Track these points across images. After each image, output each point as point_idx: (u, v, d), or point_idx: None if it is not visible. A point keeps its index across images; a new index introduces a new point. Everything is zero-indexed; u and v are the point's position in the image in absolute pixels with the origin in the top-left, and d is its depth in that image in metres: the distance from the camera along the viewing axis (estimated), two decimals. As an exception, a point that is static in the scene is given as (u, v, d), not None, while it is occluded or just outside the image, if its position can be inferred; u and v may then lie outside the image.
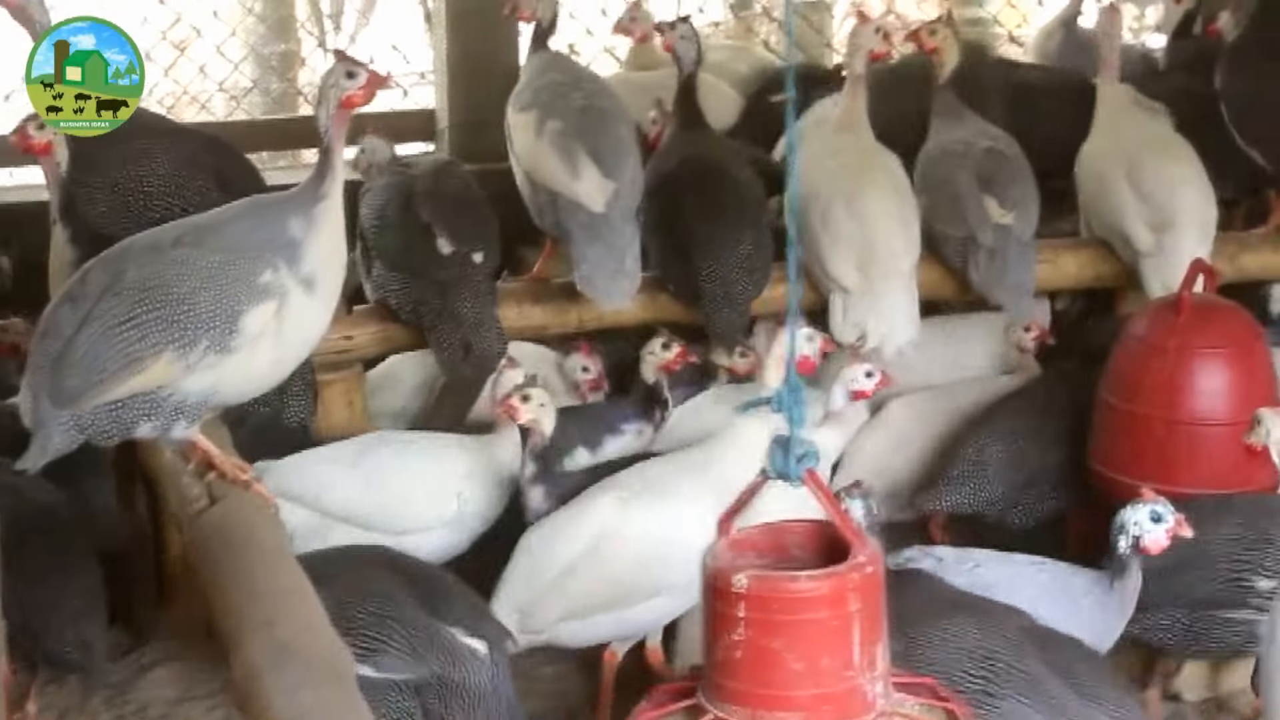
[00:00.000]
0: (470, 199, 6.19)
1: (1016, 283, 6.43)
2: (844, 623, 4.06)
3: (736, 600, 4.07)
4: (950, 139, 6.69)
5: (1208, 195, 6.58)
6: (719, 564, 4.16)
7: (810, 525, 4.37)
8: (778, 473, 4.19)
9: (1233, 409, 5.66)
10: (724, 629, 4.09)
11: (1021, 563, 5.20)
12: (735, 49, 9.19)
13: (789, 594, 4.07)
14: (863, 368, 5.80)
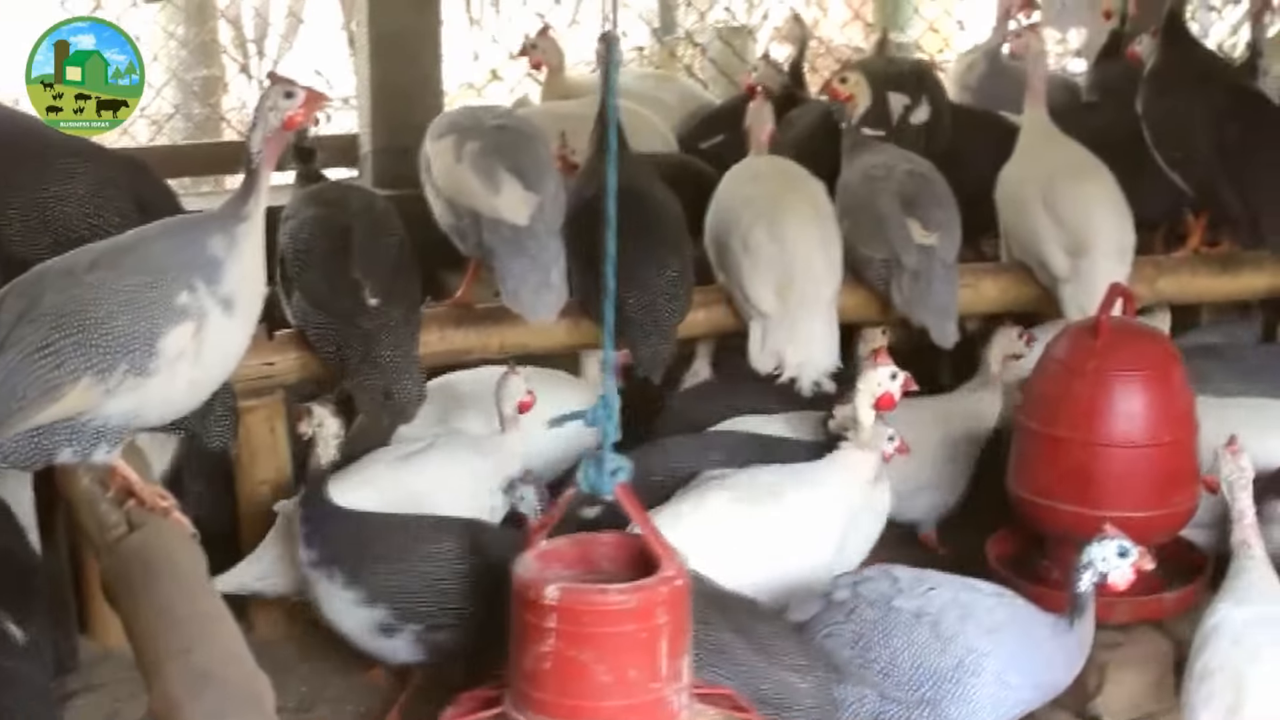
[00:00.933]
0: (403, 259, 6.10)
1: (940, 305, 6.43)
2: (652, 635, 4.12)
3: (547, 612, 4.13)
4: (870, 163, 6.72)
5: (1125, 220, 6.63)
6: (529, 575, 4.20)
7: (619, 538, 4.40)
8: (590, 487, 4.22)
9: (1151, 431, 5.71)
10: (533, 640, 4.15)
11: (985, 591, 5.17)
12: (660, 77, 9.21)
13: (599, 606, 4.12)
14: (887, 370, 5.76)
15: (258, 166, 4.61)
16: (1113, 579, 5.02)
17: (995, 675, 4.97)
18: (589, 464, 4.28)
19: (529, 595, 4.15)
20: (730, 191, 6.62)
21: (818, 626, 5.05)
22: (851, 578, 5.18)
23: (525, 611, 4.16)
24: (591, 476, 4.27)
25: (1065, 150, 6.83)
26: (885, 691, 4.97)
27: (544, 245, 6.05)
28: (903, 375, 5.73)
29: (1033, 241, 6.65)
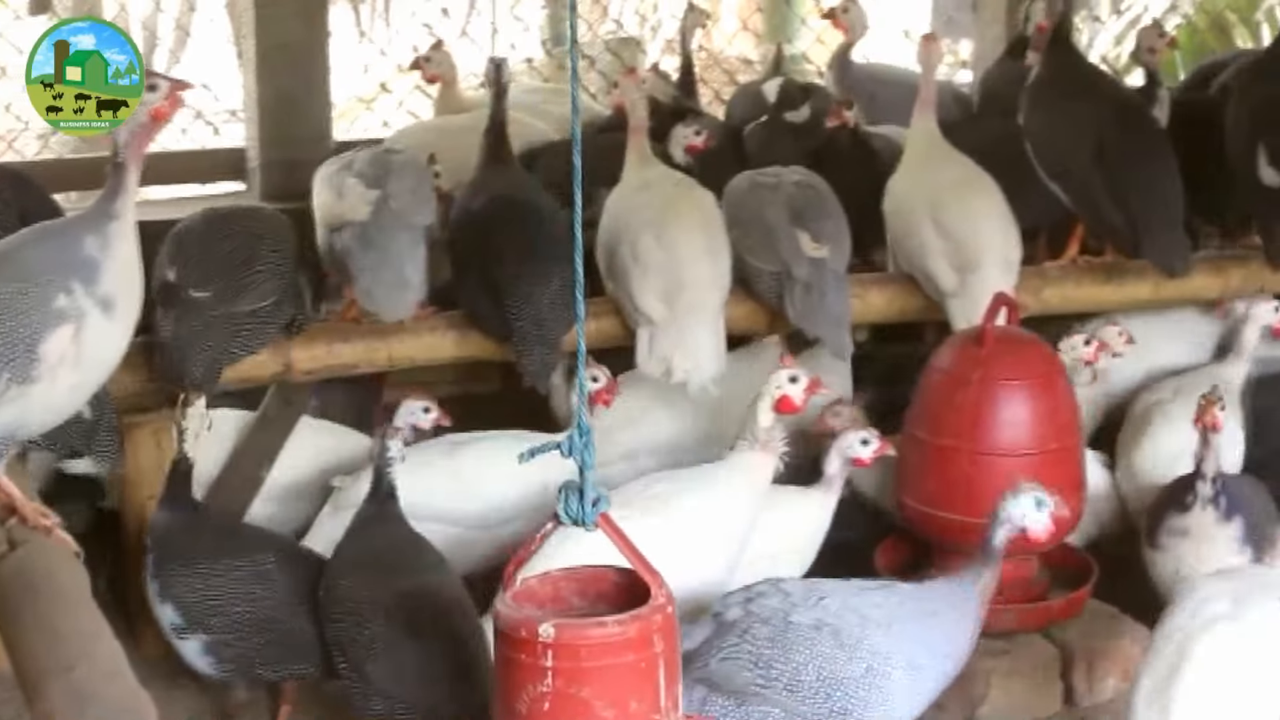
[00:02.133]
0: (249, 259, 6.09)
1: (834, 316, 6.46)
2: (650, 664, 4.06)
3: (542, 651, 4.05)
4: (758, 173, 6.78)
5: (1010, 233, 6.67)
6: (517, 614, 4.13)
7: (588, 572, 4.36)
8: (571, 519, 4.18)
9: (1036, 439, 5.77)
10: (528, 681, 4.06)
11: (873, 588, 5.20)
12: (551, 90, 9.22)
13: (598, 640, 4.05)
14: (859, 435, 5.82)
15: (124, 161, 4.57)
16: (1032, 531, 5.10)
17: (906, 668, 4.99)
18: (569, 495, 4.22)
19: (521, 634, 4.05)
20: (619, 201, 6.62)
21: (711, 651, 4.99)
22: (741, 595, 5.13)
23: (517, 651, 4.06)
24: (573, 507, 4.22)
25: (952, 164, 6.84)
26: (791, 708, 4.93)
27: (391, 237, 6.13)
28: (806, 379, 5.75)
29: (919, 255, 6.68)
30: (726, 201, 6.68)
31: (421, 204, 6.30)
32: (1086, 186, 6.70)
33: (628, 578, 4.26)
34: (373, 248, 6.11)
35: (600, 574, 4.34)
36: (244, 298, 5.96)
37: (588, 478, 4.16)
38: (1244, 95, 7.16)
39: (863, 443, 5.81)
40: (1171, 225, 6.69)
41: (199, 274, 5.94)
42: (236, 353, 5.98)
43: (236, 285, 5.96)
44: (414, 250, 6.18)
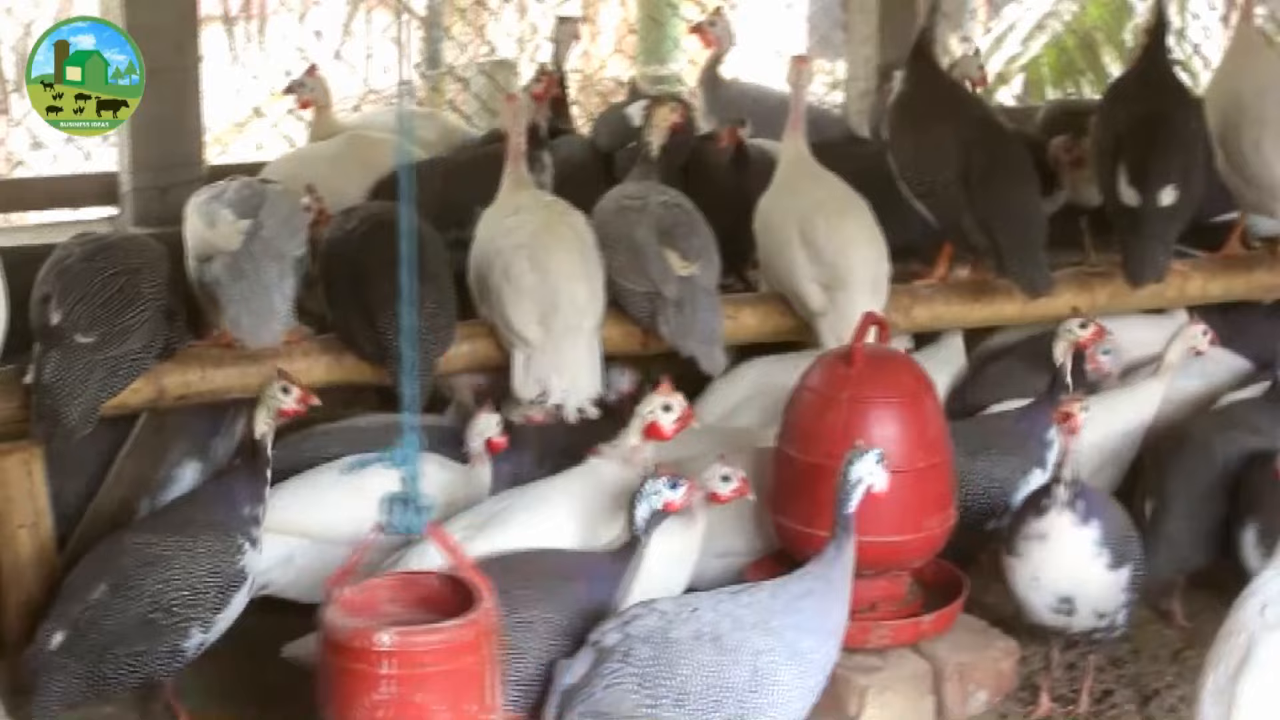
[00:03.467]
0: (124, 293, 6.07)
1: (707, 333, 6.52)
2: (481, 666, 4.13)
3: (379, 659, 4.08)
4: (625, 193, 6.82)
5: (879, 253, 6.74)
6: (351, 625, 4.15)
7: (397, 580, 4.39)
8: (399, 528, 4.21)
9: (905, 458, 5.79)
10: (365, 690, 4.09)
11: (741, 591, 5.26)
12: (423, 115, 9.23)
13: (435, 645, 4.10)
14: (721, 470, 5.78)
15: None
16: (877, 486, 5.22)
17: (791, 659, 5.05)
18: (396, 504, 4.25)
19: (357, 644, 4.08)
20: (492, 223, 6.65)
21: (595, 681, 4.99)
22: (616, 621, 5.15)
23: (353, 661, 4.08)
24: (401, 516, 4.24)
25: (822, 183, 6.90)
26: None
27: (261, 267, 6.14)
28: (680, 408, 5.78)
29: (789, 275, 6.73)
30: (595, 223, 6.71)
31: (293, 234, 6.31)
32: (951, 206, 6.78)
33: (443, 583, 4.31)
34: (243, 277, 6.11)
35: (414, 580, 4.39)
36: (128, 340, 5.95)
37: (416, 487, 4.20)
38: (1107, 115, 7.28)
39: (723, 479, 5.79)
40: (1033, 246, 6.78)
41: (84, 318, 5.89)
42: (115, 391, 5.97)
43: (121, 329, 5.94)
44: (283, 280, 6.19)
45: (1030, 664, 6.16)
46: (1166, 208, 6.90)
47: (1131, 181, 6.91)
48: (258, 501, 5.67)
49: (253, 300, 6.11)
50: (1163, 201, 6.88)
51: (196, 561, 5.52)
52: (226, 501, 5.66)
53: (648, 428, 5.78)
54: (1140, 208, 6.91)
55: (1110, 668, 6.33)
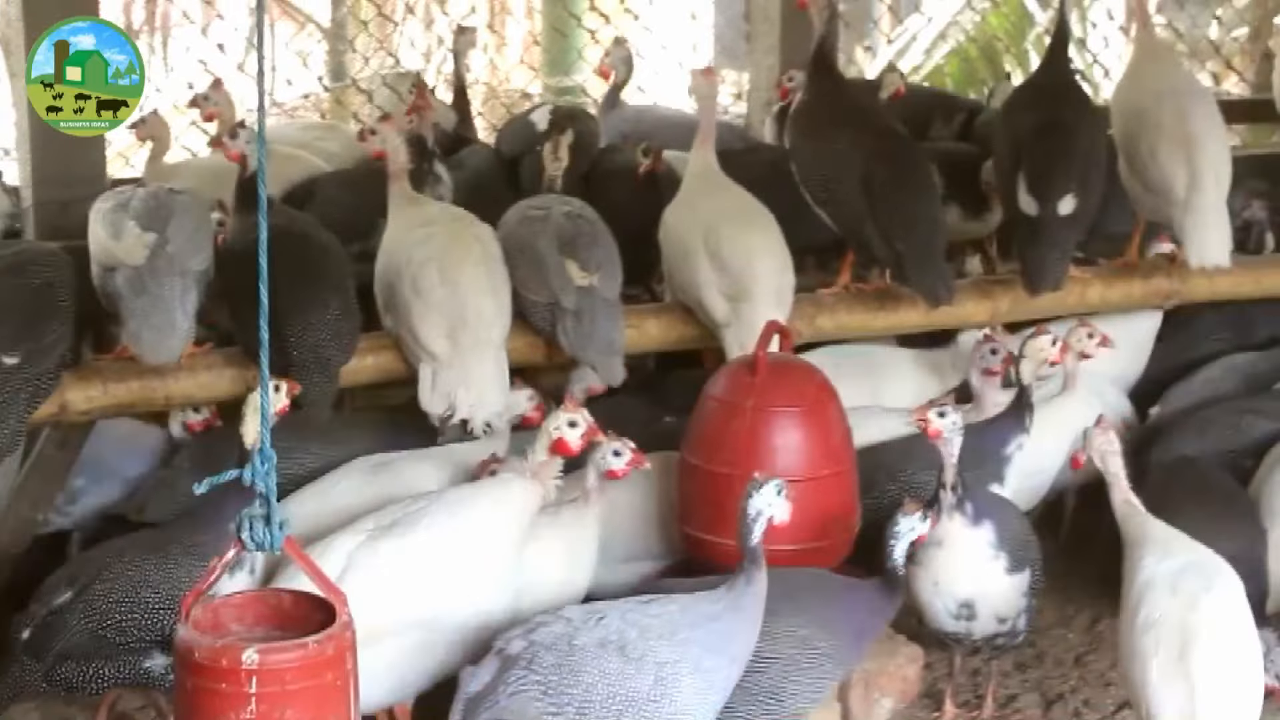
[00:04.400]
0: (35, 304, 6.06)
1: (605, 343, 6.51)
2: (344, 682, 4.12)
3: (246, 677, 4.05)
4: (530, 204, 6.84)
5: (783, 263, 6.75)
6: (214, 645, 4.11)
7: (245, 598, 4.36)
8: (257, 544, 4.19)
9: (809, 465, 5.84)
10: (228, 710, 4.04)
11: (651, 600, 5.26)
12: (326, 127, 9.23)
13: (302, 661, 4.08)
14: (612, 446, 5.81)
15: None
16: (778, 518, 5.21)
17: (694, 672, 5.06)
18: (254, 520, 4.22)
19: (223, 663, 4.04)
20: (398, 236, 6.63)
21: (499, 688, 5.00)
22: (521, 629, 5.15)
23: (216, 681, 4.04)
24: (259, 533, 4.21)
25: (726, 194, 6.92)
26: None
27: (164, 284, 6.07)
28: (585, 425, 5.76)
29: (694, 284, 6.74)
30: (501, 234, 6.71)
31: (198, 250, 6.24)
32: (853, 214, 6.80)
33: (292, 600, 4.30)
34: (145, 293, 6.04)
35: (258, 598, 4.36)
36: (49, 357, 5.92)
37: (273, 502, 4.19)
38: (1007, 124, 7.33)
39: (615, 454, 5.83)
40: (934, 254, 6.79)
41: (8, 337, 5.84)
42: (38, 407, 5.93)
43: (43, 347, 5.91)
44: (186, 296, 6.12)
45: (936, 670, 6.22)
46: (1065, 217, 6.92)
47: (1031, 190, 6.93)
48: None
49: (154, 316, 6.05)
50: (1061, 211, 6.90)
51: (153, 588, 5.51)
52: (214, 521, 5.53)
53: (555, 443, 5.77)
54: (1039, 217, 6.93)
55: (1014, 673, 6.40)
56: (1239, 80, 11.92)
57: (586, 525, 5.83)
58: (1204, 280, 7.35)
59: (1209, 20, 12.47)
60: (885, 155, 6.89)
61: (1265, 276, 7.65)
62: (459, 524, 5.59)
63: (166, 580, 5.51)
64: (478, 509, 5.66)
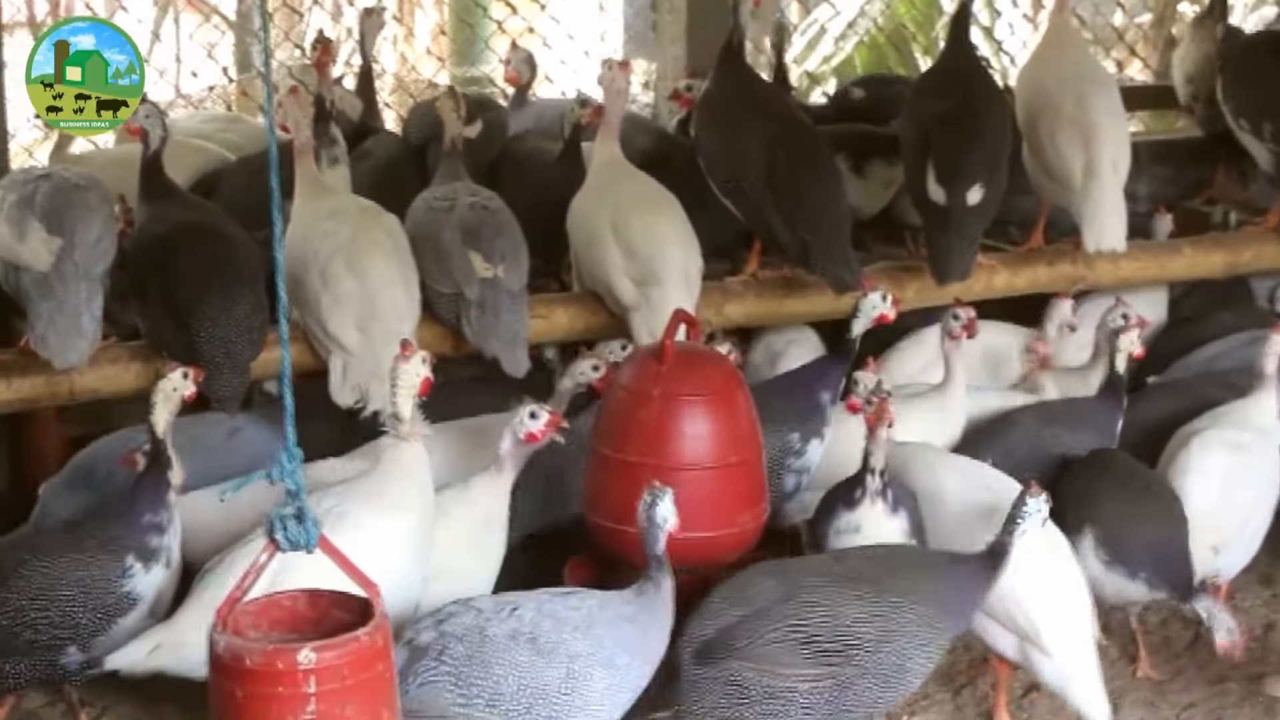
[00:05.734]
0: None
1: (509, 335, 6.52)
2: (390, 672, 4.12)
3: (304, 678, 4.01)
4: (435, 195, 6.80)
5: (691, 249, 6.79)
6: (266, 649, 4.07)
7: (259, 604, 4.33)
8: (292, 543, 4.15)
9: (716, 453, 5.83)
10: (286, 714, 4.01)
11: (562, 593, 5.26)
12: (229, 119, 9.18)
13: (355, 656, 4.06)
14: (529, 408, 5.78)
15: None
16: (670, 525, 5.17)
17: (606, 668, 5.05)
18: (287, 519, 4.18)
19: (279, 666, 4.00)
20: (304, 226, 6.60)
21: (408, 678, 4.94)
22: (431, 619, 5.13)
23: (272, 686, 4.00)
24: (293, 532, 4.18)
25: (633, 182, 6.95)
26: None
27: (71, 289, 6.03)
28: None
29: (602, 271, 6.75)
30: (408, 225, 6.70)
31: (104, 254, 6.19)
32: (757, 203, 6.83)
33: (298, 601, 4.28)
34: (52, 297, 6.01)
35: (271, 603, 4.34)
36: None
37: (304, 501, 4.16)
38: (913, 113, 7.36)
39: (531, 416, 5.80)
40: (840, 242, 6.82)
41: None
42: None
43: None
44: (92, 300, 6.09)
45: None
46: (973, 206, 6.97)
47: (939, 180, 6.98)
48: (160, 507, 5.56)
49: (60, 321, 6.01)
50: (969, 200, 6.96)
51: (66, 586, 5.45)
52: (126, 513, 5.55)
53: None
54: (947, 206, 6.97)
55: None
56: (1143, 67, 11.99)
57: (498, 496, 5.79)
58: (1109, 265, 7.45)
59: (1113, 7, 12.53)
60: (789, 144, 6.91)
61: (1169, 262, 7.73)
62: (379, 511, 5.51)
63: (81, 576, 5.46)
64: (389, 494, 5.60)
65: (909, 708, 6.11)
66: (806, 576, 5.45)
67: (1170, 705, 6.19)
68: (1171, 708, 6.18)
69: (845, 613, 5.30)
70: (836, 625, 5.29)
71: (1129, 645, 6.44)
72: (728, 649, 5.29)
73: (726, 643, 5.30)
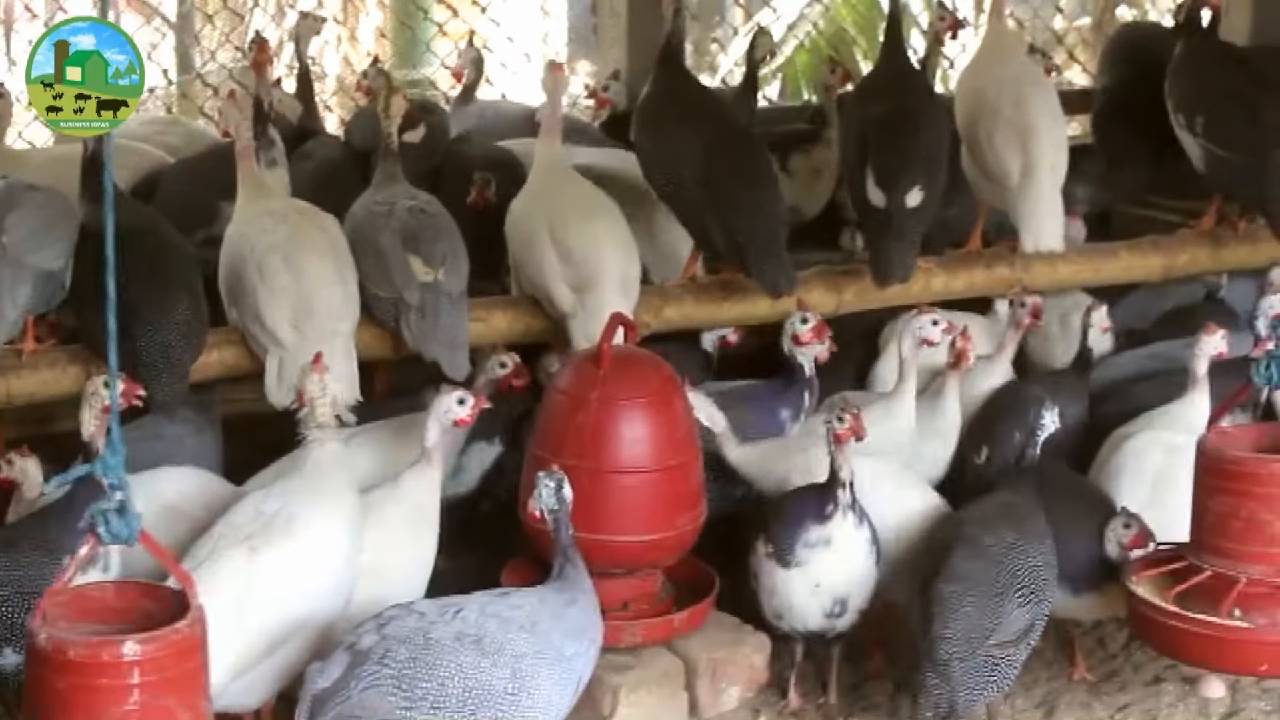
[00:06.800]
0: None
1: (449, 339, 6.48)
2: (204, 663, 4.14)
3: (128, 670, 4.02)
4: (374, 199, 6.76)
5: (629, 253, 6.79)
6: (89, 641, 4.08)
7: (69, 594, 4.33)
8: (114, 537, 4.15)
9: (654, 457, 5.86)
10: (109, 705, 4.02)
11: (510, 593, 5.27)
12: (168, 121, 9.16)
13: (176, 647, 4.07)
14: (454, 395, 5.81)
15: None
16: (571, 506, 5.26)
17: (554, 662, 5.06)
18: (109, 513, 4.18)
19: (104, 658, 4.01)
20: (243, 224, 6.59)
21: (350, 683, 4.92)
22: (373, 623, 5.09)
23: (95, 678, 4.01)
24: (115, 526, 4.19)
25: (572, 186, 6.94)
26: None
27: None
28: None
29: (539, 275, 6.75)
30: (347, 229, 6.68)
31: (43, 246, 6.17)
32: (693, 207, 6.83)
33: (106, 592, 4.29)
34: None
35: (80, 594, 4.34)
36: None
37: (128, 495, 4.16)
38: (852, 116, 7.38)
39: (459, 403, 5.83)
40: (775, 246, 6.79)
41: None
42: None
43: None
44: (17, 288, 6.07)
45: (783, 659, 6.22)
46: (913, 209, 6.98)
47: (878, 183, 6.99)
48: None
49: None
50: (909, 203, 6.96)
51: (3, 585, 5.41)
52: (62, 516, 5.49)
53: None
54: (887, 209, 6.98)
55: (861, 660, 6.42)
56: (1082, 70, 12.03)
57: (429, 489, 5.80)
58: (1046, 268, 7.48)
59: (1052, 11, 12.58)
60: (726, 148, 6.91)
61: (1104, 264, 7.77)
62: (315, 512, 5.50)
63: (16, 577, 5.43)
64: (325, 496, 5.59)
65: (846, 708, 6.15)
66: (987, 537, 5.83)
67: (1105, 706, 6.22)
68: (1106, 709, 6.21)
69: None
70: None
71: (1064, 648, 6.46)
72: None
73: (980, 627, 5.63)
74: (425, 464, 5.80)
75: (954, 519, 6.09)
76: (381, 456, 6.18)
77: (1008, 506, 5.99)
